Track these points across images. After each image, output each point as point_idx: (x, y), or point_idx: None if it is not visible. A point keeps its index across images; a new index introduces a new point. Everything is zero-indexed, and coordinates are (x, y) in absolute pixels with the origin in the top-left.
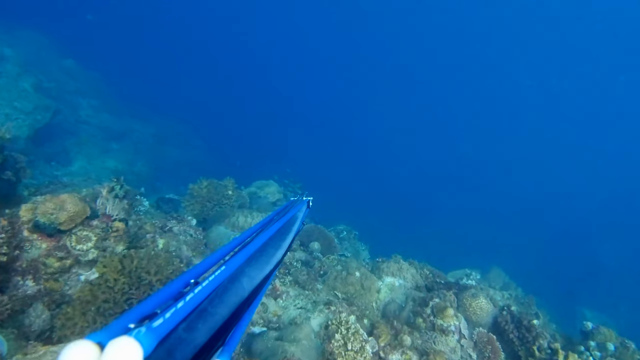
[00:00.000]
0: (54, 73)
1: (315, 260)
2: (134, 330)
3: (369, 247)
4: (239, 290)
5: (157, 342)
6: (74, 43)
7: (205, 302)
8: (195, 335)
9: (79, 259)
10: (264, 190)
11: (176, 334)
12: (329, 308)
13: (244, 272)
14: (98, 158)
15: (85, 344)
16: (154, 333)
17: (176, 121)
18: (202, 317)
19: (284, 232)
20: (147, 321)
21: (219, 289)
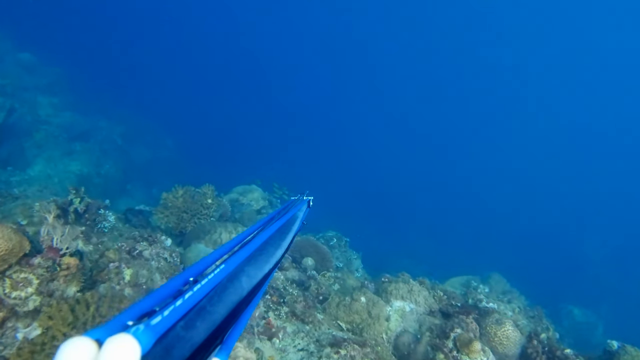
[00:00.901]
0: (8, 68)
1: (311, 280)
2: (133, 327)
3: (360, 255)
4: (238, 289)
5: (156, 340)
6: (30, 34)
7: (204, 300)
8: (194, 334)
9: (16, 310)
10: (247, 196)
11: (174, 331)
12: (337, 352)
13: (244, 271)
14: (60, 161)
15: (83, 340)
16: (152, 331)
17: (145, 118)
18: (200, 316)
19: (284, 231)
20: (146, 319)
21: (218, 288)
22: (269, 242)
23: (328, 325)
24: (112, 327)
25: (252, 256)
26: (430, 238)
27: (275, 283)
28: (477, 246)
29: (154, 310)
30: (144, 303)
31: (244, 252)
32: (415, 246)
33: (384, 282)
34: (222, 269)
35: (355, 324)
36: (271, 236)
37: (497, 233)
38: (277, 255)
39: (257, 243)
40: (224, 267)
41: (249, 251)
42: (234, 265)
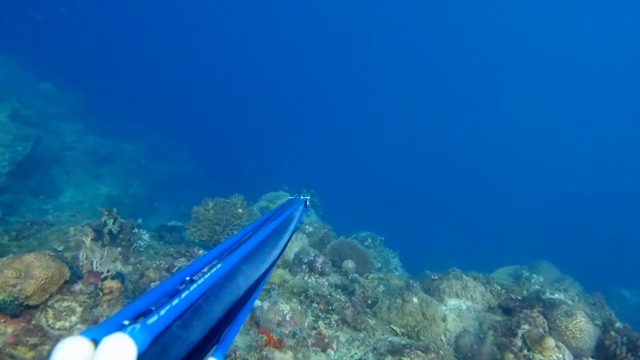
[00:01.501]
0: (30, 99)
1: (355, 283)
2: (129, 327)
3: (398, 253)
4: (234, 289)
5: (152, 339)
6: (48, 65)
7: (201, 299)
8: (190, 333)
9: None
10: (276, 203)
11: (171, 331)
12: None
13: (240, 270)
14: (89, 185)
15: (79, 340)
16: (148, 330)
17: (162, 135)
18: (197, 315)
19: (281, 230)
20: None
21: (215, 287)
22: (266, 241)
23: (381, 331)
24: (108, 327)
25: (248, 255)
26: (459, 232)
27: (321, 290)
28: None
29: (150, 309)
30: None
31: (241, 251)
32: (444, 241)
33: (434, 279)
34: (218, 268)
35: (410, 327)
36: (268, 236)
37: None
38: (273, 254)
39: (254, 242)
40: (221, 267)
41: (246, 250)
42: (231, 264)
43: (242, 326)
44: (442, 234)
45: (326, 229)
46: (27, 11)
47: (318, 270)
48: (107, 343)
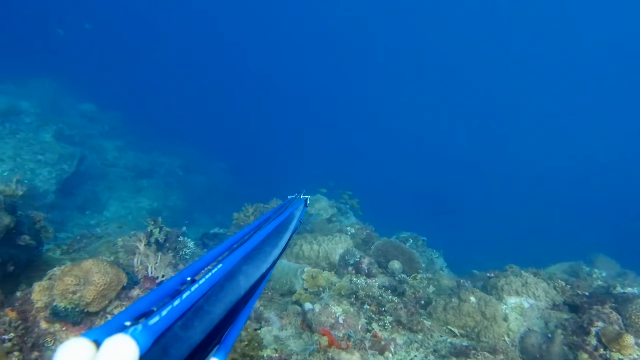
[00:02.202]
0: (73, 119)
1: (404, 284)
2: (131, 328)
3: (442, 253)
4: (235, 289)
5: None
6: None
7: (202, 300)
8: (192, 334)
9: None
10: (314, 206)
11: (172, 332)
12: None
13: (241, 271)
14: (132, 199)
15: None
16: (150, 331)
17: (197, 147)
18: (198, 316)
19: (281, 230)
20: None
21: (216, 288)
22: (267, 241)
23: (439, 333)
24: (110, 328)
25: (249, 255)
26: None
27: (372, 291)
28: (554, 233)
29: (152, 310)
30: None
31: (242, 251)
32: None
33: (490, 277)
34: (219, 268)
35: (470, 328)
36: (268, 235)
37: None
38: (274, 254)
39: (255, 242)
40: (222, 267)
41: (247, 250)
42: (232, 264)
43: (294, 330)
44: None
45: (368, 230)
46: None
47: (365, 271)
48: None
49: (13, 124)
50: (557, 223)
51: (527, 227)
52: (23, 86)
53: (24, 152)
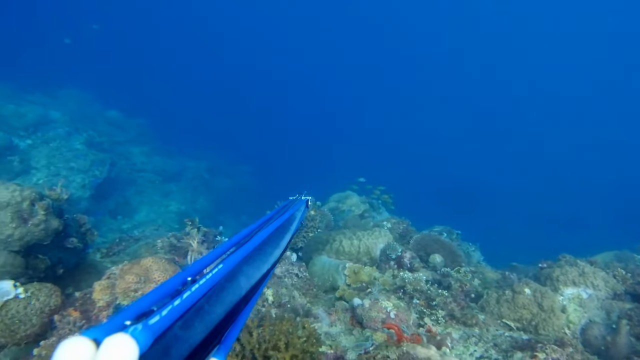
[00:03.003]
0: (101, 127)
1: (449, 278)
2: (130, 327)
3: (478, 246)
4: (236, 289)
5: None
6: (112, 93)
7: (202, 300)
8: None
9: None
10: (345, 203)
11: (172, 331)
12: (534, 357)
13: (242, 271)
14: (160, 203)
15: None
16: (150, 330)
17: (221, 150)
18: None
19: (283, 231)
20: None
21: (216, 287)
22: (267, 241)
23: (494, 326)
24: (110, 327)
25: (250, 256)
26: (530, 224)
27: (419, 285)
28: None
29: (152, 310)
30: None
31: (242, 251)
32: (518, 234)
33: (543, 268)
34: (220, 268)
35: (526, 320)
36: (269, 236)
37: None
38: (275, 255)
39: (255, 243)
40: (222, 267)
41: (247, 251)
42: (232, 265)
43: (344, 326)
44: (508, 226)
45: (405, 224)
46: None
47: (407, 266)
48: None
49: (45, 133)
50: (582, 214)
51: (553, 218)
52: (52, 96)
53: (57, 159)
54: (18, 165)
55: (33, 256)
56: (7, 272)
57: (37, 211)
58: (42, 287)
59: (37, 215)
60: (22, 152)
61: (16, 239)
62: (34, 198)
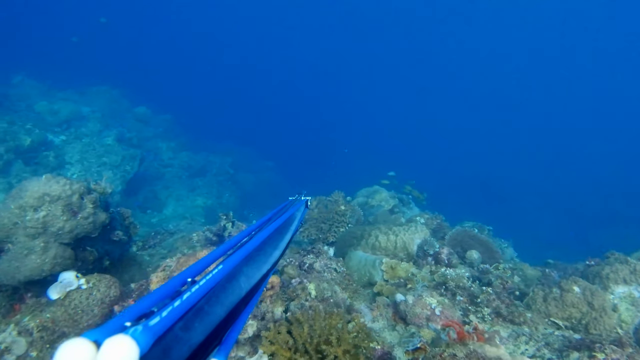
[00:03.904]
0: (130, 122)
1: (488, 275)
2: (131, 328)
3: (511, 243)
4: (236, 290)
5: (154, 341)
6: (141, 90)
7: (203, 301)
8: (192, 334)
9: (237, 339)
10: (375, 198)
11: (173, 332)
12: (593, 357)
13: (242, 271)
14: (187, 198)
15: (81, 342)
16: (150, 331)
17: (245, 146)
18: (198, 316)
19: (282, 231)
20: (144, 319)
21: (217, 288)
22: (267, 242)
23: (542, 324)
24: (110, 328)
25: (250, 257)
26: (550, 219)
27: (462, 282)
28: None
29: (152, 311)
30: (142, 304)
31: (242, 252)
32: (548, 231)
33: (590, 265)
34: (220, 269)
35: (575, 319)
36: (269, 236)
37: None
38: (275, 255)
39: (255, 243)
40: (222, 268)
41: (247, 251)
42: (232, 265)
43: (386, 322)
44: (535, 222)
45: (438, 220)
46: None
47: (444, 262)
48: (109, 345)
49: (77, 129)
50: (611, 209)
51: (583, 214)
52: (82, 93)
53: (89, 155)
54: (53, 160)
55: (82, 248)
56: (58, 264)
57: (86, 204)
58: (102, 279)
59: (86, 209)
60: (56, 147)
61: (67, 231)
62: (83, 192)
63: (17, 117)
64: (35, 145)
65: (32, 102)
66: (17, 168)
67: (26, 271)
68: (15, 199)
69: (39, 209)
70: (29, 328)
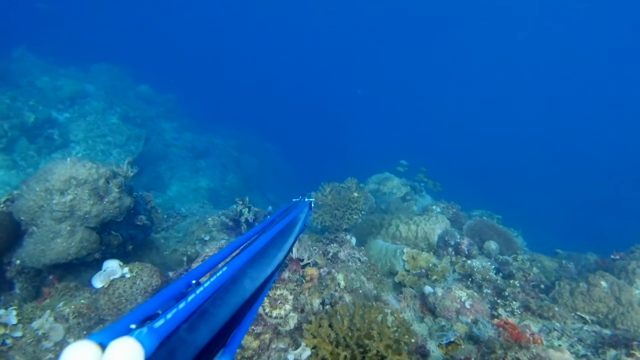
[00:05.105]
0: (133, 101)
1: (509, 266)
2: (136, 330)
3: (521, 232)
4: (240, 291)
5: (159, 343)
6: (143, 68)
7: (207, 303)
8: (197, 336)
9: (279, 330)
10: (386, 185)
11: (177, 334)
12: (632, 355)
13: (246, 273)
14: (191, 179)
15: (86, 344)
16: (155, 334)
17: (248, 128)
18: (203, 318)
19: (286, 233)
20: (149, 322)
21: (221, 290)
22: (271, 244)
23: (570, 320)
24: (115, 331)
25: (254, 258)
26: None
27: (489, 275)
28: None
29: (157, 313)
30: (146, 306)
31: (246, 254)
32: (548, 217)
33: (615, 259)
34: (224, 271)
35: (602, 314)
36: (273, 238)
37: None
38: (279, 257)
39: (259, 245)
40: (227, 270)
41: (251, 253)
42: (237, 267)
43: (414, 313)
44: (541, 210)
45: (454, 209)
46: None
47: (464, 252)
48: (114, 347)
49: (81, 107)
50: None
51: (590, 203)
52: (85, 70)
53: (94, 133)
54: (58, 138)
55: (107, 233)
56: (84, 247)
57: (111, 189)
58: (144, 268)
59: (112, 193)
60: (60, 125)
61: (93, 215)
62: (109, 176)
63: (19, 93)
64: (39, 123)
65: (34, 77)
66: (22, 145)
67: (52, 254)
68: (40, 182)
69: (65, 193)
70: (64, 314)
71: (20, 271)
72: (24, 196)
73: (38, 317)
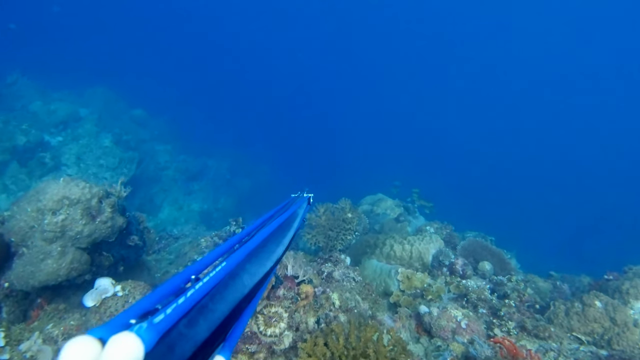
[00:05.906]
0: (127, 125)
1: (503, 287)
2: (135, 325)
3: (514, 253)
4: (239, 287)
5: (159, 338)
6: (138, 92)
7: (207, 298)
8: (196, 331)
9: (273, 349)
10: (380, 206)
11: (177, 329)
12: None
13: (245, 269)
14: (184, 202)
15: (86, 339)
16: (155, 329)
17: (241, 148)
18: (203, 313)
19: (285, 228)
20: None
21: (220, 285)
22: (270, 239)
23: (566, 340)
24: (115, 326)
25: (253, 254)
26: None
27: (484, 294)
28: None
29: (157, 308)
30: (146, 301)
31: (245, 249)
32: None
33: (609, 280)
34: (223, 266)
35: (597, 334)
36: (272, 233)
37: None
38: (278, 252)
39: (258, 240)
40: (226, 265)
41: (250, 249)
42: (236, 262)
43: (409, 333)
44: (541, 233)
45: (448, 229)
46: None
47: (459, 273)
48: (114, 342)
49: (74, 130)
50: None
51: (578, 224)
52: (79, 94)
53: (87, 156)
54: (50, 162)
55: (98, 253)
56: (75, 268)
57: (104, 208)
58: (136, 286)
59: (105, 213)
60: (53, 148)
61: (85, 235)
62: (102, 195)
63: (12, 116)
64: (31, 146)
65: (27, 101)
66: (13, 169)
67: (41, 276)
68: (32, 202)
69: (57, 212)
70: (53, 336)
71: (9, 294)
72: (14, 217)
73: (26, 339)
